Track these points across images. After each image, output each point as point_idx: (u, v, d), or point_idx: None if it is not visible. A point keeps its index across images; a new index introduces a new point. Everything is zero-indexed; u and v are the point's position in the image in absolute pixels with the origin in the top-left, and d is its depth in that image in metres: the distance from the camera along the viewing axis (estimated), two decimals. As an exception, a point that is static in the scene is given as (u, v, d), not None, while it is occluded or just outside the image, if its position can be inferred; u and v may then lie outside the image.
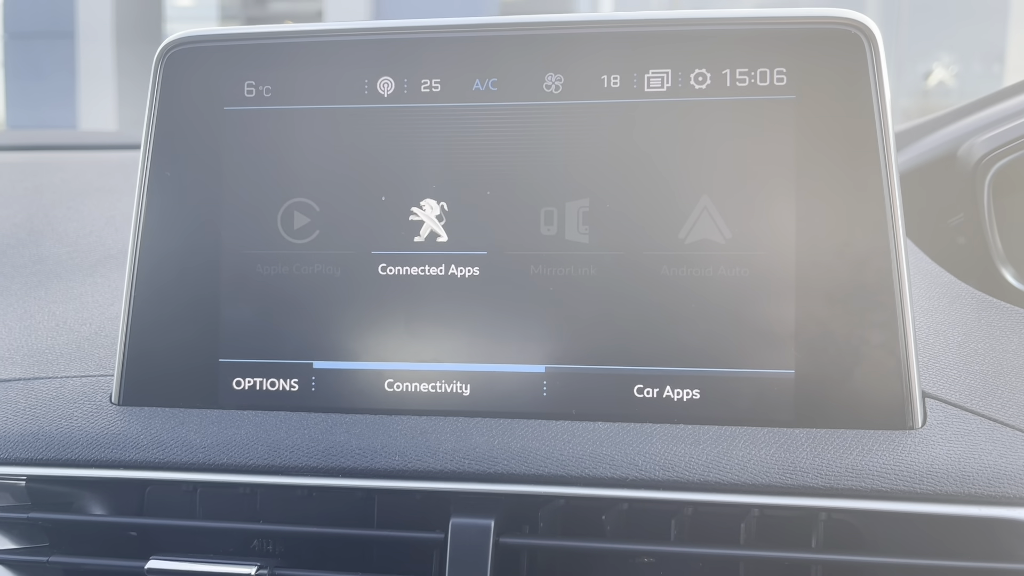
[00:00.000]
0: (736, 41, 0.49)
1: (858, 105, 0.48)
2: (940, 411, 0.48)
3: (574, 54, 0.50)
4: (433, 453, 0.48)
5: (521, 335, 0.50)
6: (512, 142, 0.50)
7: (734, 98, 0.49)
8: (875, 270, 0.47)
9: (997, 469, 0.44)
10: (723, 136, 0.49)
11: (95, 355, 0.57)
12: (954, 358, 0.51)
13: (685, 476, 0.46)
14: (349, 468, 0.49)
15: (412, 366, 0.51)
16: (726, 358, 0.48)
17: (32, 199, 0.83)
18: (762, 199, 0.49)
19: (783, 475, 0.46)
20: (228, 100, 0.53)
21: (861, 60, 0.48)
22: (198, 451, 0.50)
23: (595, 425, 0.49)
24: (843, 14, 0.48)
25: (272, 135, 0.52)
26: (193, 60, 0.53)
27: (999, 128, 0.65)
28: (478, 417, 0.50)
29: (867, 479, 0.45)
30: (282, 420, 0.51)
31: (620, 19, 0.50)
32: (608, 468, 0.47)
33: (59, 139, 1.13)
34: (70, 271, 0.69)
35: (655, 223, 0.49)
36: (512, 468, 0.47)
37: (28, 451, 0.51)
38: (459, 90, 0.51)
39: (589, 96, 0.50)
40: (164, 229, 0.53)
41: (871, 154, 0.47)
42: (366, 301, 0.51)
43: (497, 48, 0.51)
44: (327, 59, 0.52)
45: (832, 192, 0.48)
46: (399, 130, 0.51)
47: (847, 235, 0.48)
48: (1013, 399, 0.48)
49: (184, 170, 0.53)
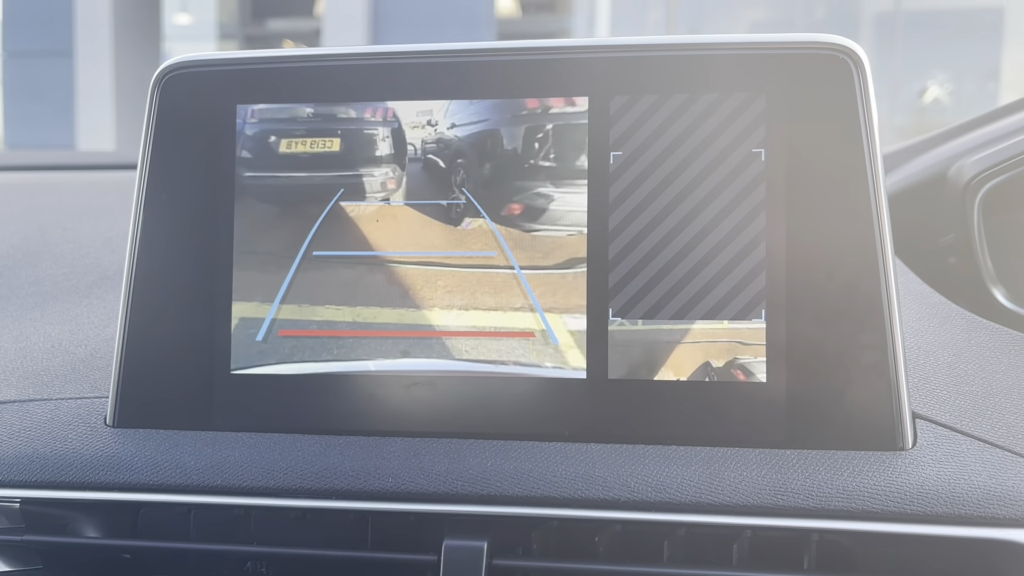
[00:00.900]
0: (724, 66, 0.50)
1: (847, 129, 0.48)
2: (930, 432, 0.48)
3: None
4: (426, 475, 0.48)
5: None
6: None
7: (722, 124, 0.49)
8: (864, 292, 0.48)
9: (987, 490, 0.45)
10: (712, 160, 0.50)
11: (91, 377, 0.58)
12: (944, 379, 0.51)
13: (677, 497, 0.46)
14: (343, 490, 0.49)
15: (408, 375, 0.51)
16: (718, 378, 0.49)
17: (29, 219, 0.83)
18: (752, 222, 0.49)
19: (774, 496, 0.46)
20: (224, 124, 0.53)
21: (849, 85, 0.48)
22: (192, 473, 0.50)
23: (588, 446, 0.49)
24: (831, 40, 0.49)
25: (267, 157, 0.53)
26: (189, 84, 0.54)
27: (988, 149, 0.66)
28: (471, 439, 0.50)
29: (858, 500, 0.45)
30: (276, 442, 0.51)
31: (598, 44, 0.51)
32: (601, 490, 0.47)
33: (56, 159, 1.14)
34: (66, 292, 0.69)
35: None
36: (505, 490, 0.48)
37: (23, 473, 0.52)
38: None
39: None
40: (160, 251, 0.53)
41: (860, 178, 0.48)
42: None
43: (496, 72, 0.52)
44: (326, 84, 0.53)
45: (822, 215, 0.48)
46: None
47: (837, 257, 0.48)
48: (1003, 420, 0.48)
49: (180, 193, 0.53)
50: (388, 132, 0.53)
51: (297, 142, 0.53)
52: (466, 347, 0.51)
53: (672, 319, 0.50)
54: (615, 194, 0.51)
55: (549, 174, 0.51)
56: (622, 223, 0.50)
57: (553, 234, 0.51)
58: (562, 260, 0.51)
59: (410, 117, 0.53)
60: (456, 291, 0.52)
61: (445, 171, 0.52)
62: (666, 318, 0.50)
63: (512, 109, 0.52)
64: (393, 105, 0.53)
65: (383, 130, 0.53)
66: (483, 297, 0.51)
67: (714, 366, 0.49)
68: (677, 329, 0.50)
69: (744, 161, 0.49)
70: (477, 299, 0.51)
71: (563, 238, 0.51)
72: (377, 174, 0.53)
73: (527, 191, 0.51)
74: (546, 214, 0.51)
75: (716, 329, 0.50)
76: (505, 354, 0.51)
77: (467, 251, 0.52)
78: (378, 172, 0.53)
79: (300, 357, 0.53)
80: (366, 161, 0.53)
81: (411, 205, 0.52)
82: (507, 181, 0.52)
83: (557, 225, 0.51)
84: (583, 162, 0.51)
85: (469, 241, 0.52)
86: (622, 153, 0.51)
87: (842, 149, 0.48)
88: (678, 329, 0.50)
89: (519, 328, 0.51)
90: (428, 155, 0.52)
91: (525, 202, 0.51)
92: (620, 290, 0.50)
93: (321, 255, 0.53)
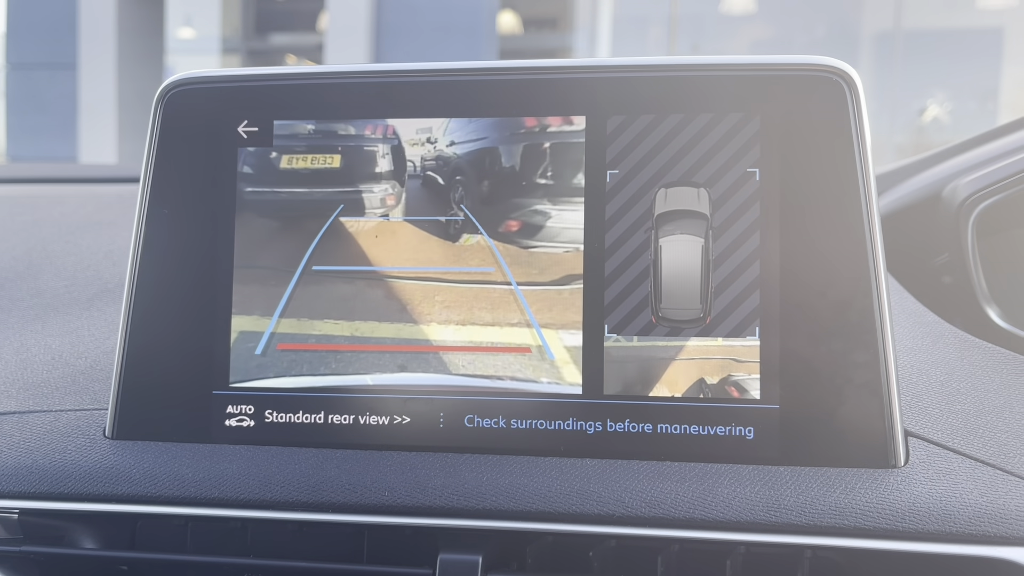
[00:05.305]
0: (719, 87, 0.50)
1: (840, 150, 0.49)
2: (923, 450, 0.48)
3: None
4: (422, 489, 0.49)
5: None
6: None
7: (717, 144, 0.50)
8: (858, 310, 0.48)
9: (978, 508, 0.45)
10: (707, 179, 0.50)
11: (90, 389, 0.58)
12: (937, 397, 0.52)
13: (671, 513, 0.47)
14: (339, 503, 0.49)
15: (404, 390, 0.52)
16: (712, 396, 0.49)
17: (31, 232, 0.84)
18: (747, 241, 0.50)
19: (767, 513, 0.46)
20: (226, 140, 0.54)
21: (843, 106, 0.49)
22: (190, 485, 0.51)
23: (583, 462, 0.49)
24: (824, 61, 0.49)
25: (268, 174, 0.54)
26: (192, 100, 0.55)
27: (982, 170, 0.66)
28: (467, 453, 0.50)
29: (850, 517, 0.45)
30: (273, 455, 0.51)
31: (596, 64, 0.52)
32: (595, 505, 0.47)
33: (58, 172, 1.14)
34: (67, 305, 0.70)
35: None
36: (500, 504, 0.48)
37: (22, 484, 0.52)
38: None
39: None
40: (160, 265, 0.54)
41: (853, 198, 0.49)
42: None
43: (495, 91, 0.52)
44: (327, 101, 0.54)
45: (816, 234, 0.49)
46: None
47: (831, 276, 0.49)
48: (994, 438, 0.49)
49: (181, 207, 0.54)
50: (388, 149, 0.54)
51: (298, 158, 0.54)
52: (463, 362, 0.52)
53: (667, 336, 0.50)
54: (611, 212, 0.51)
55: (546, 192, 0.52)
56: (618, 240, 0.51)
57: (550, 251, 0.52)
58: (559, 276, 0.51)
59: (410, 134, 0.53)
60: (454, 306, 0.52)
61: (444, 188, 0.53)
62: (661, 335, 0.50)
63: (510, 127, 0.52)
64: (393, 122, 0.53)
65: (383, 147, 0.54)
66: (480, 312, 0.52)
67: (708, 383, 0.50)
68: (672, 346, 0.50)
69: (739, 181, 0.50)
70: (474, 314, 0.52)
71: (560, 255, 0.51)
72: (377, 190, 0.53)
73: (525, 208, 0.52)
74: (543, 231, 0.52)
75: (710, 346, 0.50)
76: (502, 369, 0.52)
77: (465, 267, 0.52)
78: (378, 188, 0.53)
79: (298, 371, 0.53)
80: (366, 177, 0.54)
81: (410, 221, 0.53)
82: (505, 198, 0.52)
83: (554, 242, 0.52)
84: (580, 180, 0.52)
85: (467, 257, 0.52)
86: (619, 172, 0.51)
87: (835, 169, 0.49)
88: (673, 346, 0.50)
89: (516, 344, 0.52)
90: (427, 172, 0.53)
91: (523, 219, 0.52)
92: (616, 307, 0.51)
93: (320, 270, 0.53)
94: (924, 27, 7.24)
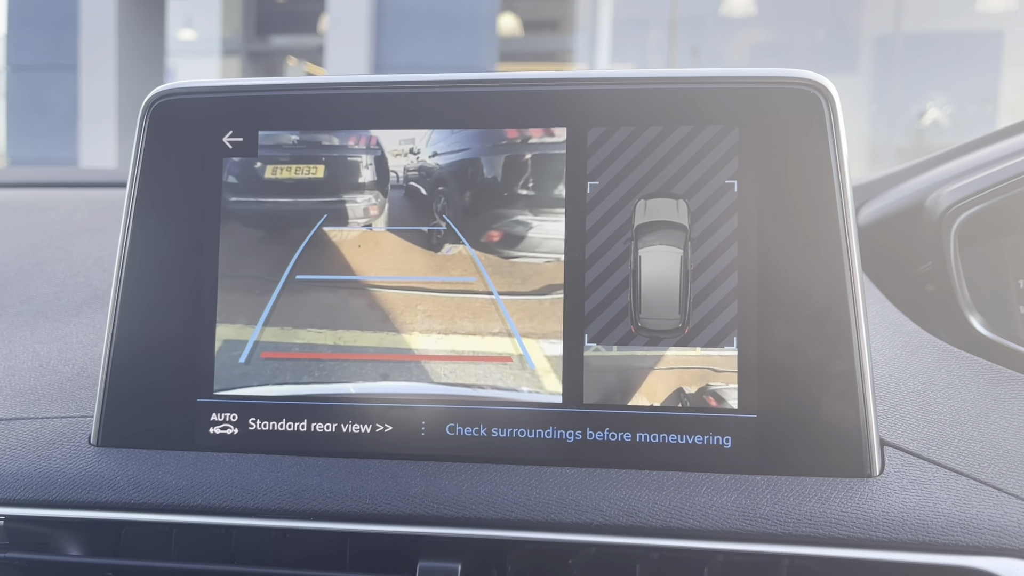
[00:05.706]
0: (699, 100, 0.51)
1: (817, 162, 0.49)
2: (898, 459, 0.49)
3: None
4: (403, 497, 0.49)
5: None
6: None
7: (696, 156, 0.51)
8: (834, 320, 0.49)
9: (951, 518, 0.45)
10: (686, 191, 0.51)
11: (77, 396, 0.59)
12: (914, 407, 0.52)
13: (648, 522, 0.47)
14: (321, 511, 0.50)
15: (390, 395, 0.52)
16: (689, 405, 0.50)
17: (22, 238, 0.84)
18: (725, 252, 0.50)
19: (744, 522, 0.47)
20: (211, 150, 0.55)
21: (820, 118, 0.49)
22: (174, 493, 0.51)
23: (562, 470, 0.50)
24: (802, 75, 0.50)
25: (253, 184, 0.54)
26: (178, 111, 0.55)
27: (965, 179, 0.67)
28: (448, 461, 0.51)
29: (825, 526, 0.46)
30: (257, 463, 0.52)
31: (577, 77, 0.52)
32: (574, 513, 0.48)
33: (54, 176, 1.15)
34: (56, 311, 0.70)
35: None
36: (480, 513, 0.48)
37: (7, 491, 0.52)
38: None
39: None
40: (145, 274, 0.54)
41: (830, 209, 0.49)
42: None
43: (477, 102, 0.53)
44: (311, 112, 0.54)
45: (793, 245, 0.49)
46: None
47: (807, 286, 0.49)
48: (970, 448, 0.49)
49: (166, 216, 0.55)
50: (371, 160, 0.54)
51: (282, 168, 0.55)
52: (445, 371, 0.52)
53: (646, 346, 0.51)
54: (592, 222, 0.52)
55: (528, 202, 0.52)
56: (598, 251, 0.51)
57: (531, 261, 0.52)
58: (540, 286, 0.52)
59: (393, 145, 0.54)
60: (436, 316, 0.53)
61: (426, 198, 0.53)
62: (640, 345, 0.51)
63: (492, 139, 0.53)
64: (376, 133, 0.54)
65: (366, 157, 0.54)
66: (462, 322, 0.52)
67: (687, 392, 0.50)
68: (651, 356, 0.51)
69: (718, 192, 0.51)
70: (456, 324, 0.52)
71: (541, 265, 0.52)
72: (360, 200, 0.54)
73: (506, 219, 0.52)
74: (524, 241, 0.52)
75: (689, 356, 0.50)
76: (483, 378, 0.52)
77: (447, 276, 0.53)
78: (361, 198, 0.54)
79: (282, 379, 0.53)
80: (349, 188, 0.54)
81: (393, 231, 0.54)
82: (487, 209, 0.53)
83: (535, 252, 0.52)
84: (561, 191, 0.52)
85: (449, 267, 0.53)
86: (599, 183, 0.52)
87: (813, 181, 0.49)
88: (652, 356, 0.51)
89: (497, 353, 0.52)
90: (410, 182, 0.54)
91: (504, 229, 0.52)
92: (596, 317, 0.51)
93: (304, 279, 0.54)
94: (924, 30, 7.25)
